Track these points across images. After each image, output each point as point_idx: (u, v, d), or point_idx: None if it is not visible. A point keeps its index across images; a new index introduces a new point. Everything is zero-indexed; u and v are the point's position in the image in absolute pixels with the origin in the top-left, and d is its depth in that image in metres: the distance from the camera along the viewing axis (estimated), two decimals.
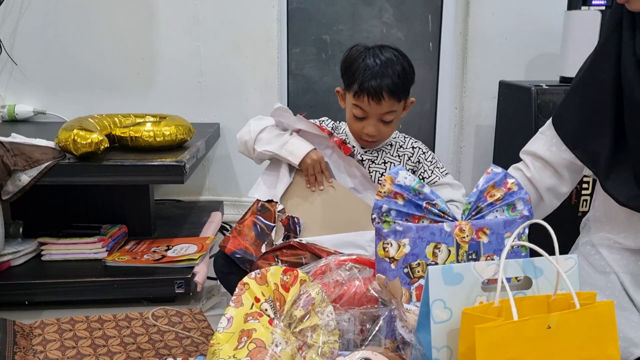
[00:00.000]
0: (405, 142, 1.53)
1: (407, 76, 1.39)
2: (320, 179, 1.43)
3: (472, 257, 1.02)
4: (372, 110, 1.39)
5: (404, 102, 1.43)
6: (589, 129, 1.15)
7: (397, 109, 1.41)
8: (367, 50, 1.40)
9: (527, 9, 2.39)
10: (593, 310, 0.79)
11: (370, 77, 1.36)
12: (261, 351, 0.88)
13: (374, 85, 1.35)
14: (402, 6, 2.55)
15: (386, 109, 1.38)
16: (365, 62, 1.38)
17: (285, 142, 1.43)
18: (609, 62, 1.11)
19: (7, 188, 1.65)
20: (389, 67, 1.36)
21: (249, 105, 2.46)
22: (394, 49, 1.41)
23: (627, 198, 1.09)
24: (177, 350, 1.36)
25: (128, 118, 2.05)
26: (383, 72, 1.36)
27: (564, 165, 1.22)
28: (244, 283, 0.94)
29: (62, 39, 2.40)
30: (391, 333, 0.95)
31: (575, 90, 1.19)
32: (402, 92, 1.39)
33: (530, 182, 1.25)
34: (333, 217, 1.41)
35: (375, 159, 1.49)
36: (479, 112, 2.52)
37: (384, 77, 1.35)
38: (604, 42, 1.13)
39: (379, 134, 1.43)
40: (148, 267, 1.72)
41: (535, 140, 1.27)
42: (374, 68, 1.36)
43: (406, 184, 1.02)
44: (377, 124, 1.41)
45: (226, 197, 2.57)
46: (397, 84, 1.36)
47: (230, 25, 2.40)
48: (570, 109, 1.20)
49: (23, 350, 1.32)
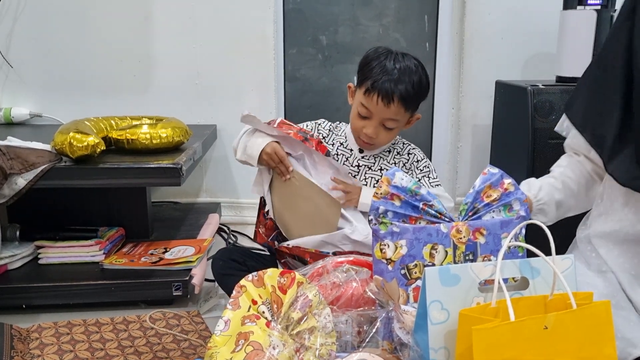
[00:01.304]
0: (404, 149, 1.52)
1: (421, 88, 1.39)
2: (283, 169, 1.43)
3: (469, 258, 1.02)
4: (377, 112, 1.39)
5: (410, 114, 1.42)
6: (598, 113, 1.17)
7: (402, 118, 1.40)
8: (389, 53, 1.40)
9: (523, 9, 2.40)
10: (590, 310, 0.79)
11: (386, 78, 1.36)
12: (258, 354, 0.88)
13: (386, 87, 1.36)
14: (399, 7, 2.55)
15: (392, 114, 1.38)
16: (385, 63, 1.38)
17: (245, 146, 1.45)
18: (620, 49, 1.12)
19: (4, 192, 1.64)
20: (407, 74, 1.37)
21: (246, 106, 2.45)
22: (417, 61, 1.41)
23: (629, 179, 1.10)
24: (175, 353, 1.36)
25: (124, 120, 2.05)
26: (399, 76, 1.36)
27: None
28: (241, 286, 0.93)
29: (58, 41, 2.40)
30: (388, 334, 0.95)
31: (586, 77, 1.22)
32: (412, 102, 1.39)
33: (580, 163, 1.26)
34: (298, 205, 1.44)
35: (372, 165, 1.49)
36: (475, 112, 2.52)
37: (399, 82, 1.36)
38: (615, 30, 1.15)
39: (377, 138, 1.42)
40: (145, 269, 1.72)
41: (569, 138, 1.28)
42: (392, 71, 1.37)
43: (403, 185, 1.02)
44: (377, 127, 1.41)
45: (223, 199, 2.56)
46: (410, 92, 1.36)
47: (226, 26, 2.40)
48: (581, 94, 1.22)
49: (20, 354, 1.32)
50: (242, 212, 2.57)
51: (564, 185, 1.26)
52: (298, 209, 1.44)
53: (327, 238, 1.38)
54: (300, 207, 1.44)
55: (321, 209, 1.42)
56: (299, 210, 1.44)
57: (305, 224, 1.43)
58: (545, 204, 1.25)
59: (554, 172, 1.30)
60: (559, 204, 1.27)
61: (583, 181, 1.26)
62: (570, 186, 1.26)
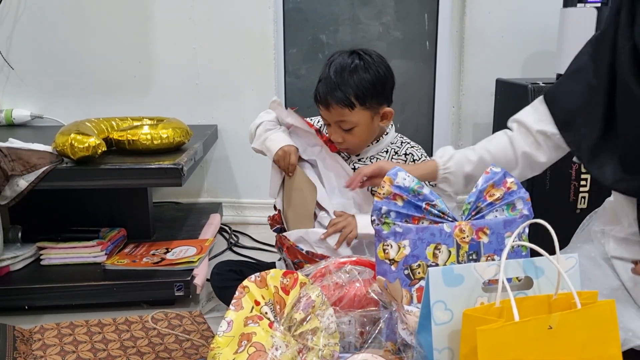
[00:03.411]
0: (402, 148, 1.51)
1: (363, 85, 1.36)
2: (292, 169, 1.47)
3: (472, 258, 1.02)
4: (327, 117, 1.43)
5: (367, 111, 1.39)
6: (582, 113, 1.17)
7: (353, 118, 1.39)
8: (332, 58, 1.42)
9: (523, 7, 2.39)
10: (594, 310, 0.79)
11: (322, 84, 1.39)
12: (261, 355, 0.88)
13: (321, 93, 1.39)
14: (399, 6, 2.55)
15: (337, 116, 1.39)
16: (324, 69, 1.41)
17: (266, 139, 1.50)
18: (607, 49, 1.13)
19: (5, 193, 1.64)
20: (343, 75, 1.36)
21: (246, 106, 2.45)
22: (364, 55, 1.39)
23: (615, 181, 1.12)
24: (177, 353, 1.36)
25: (125, 121, 2.05)
26: (334, 80, 1.36)
27: (546, 138, 1.23)
28: (244, 286, 0.93)
29: (58, 43, 2.39)
30: (392, 335, 0.95)
31: (572, 73, 1.22)
32: (353, 101, 1.36)
33: (510, 143, 1.26)
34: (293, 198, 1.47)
35: None
36: (476, 110, 2.52)
37: (334, 85, 1.36)
38: (604, 29, 1.15)
39: (345, 142, 1.43)
40: (147, 270, 1.72)
41: (526, 111, 1.28)
42: (328, 76, 1.38)
43: (405, 185, 1.02)
44: (338, 131, 1.42)
45: (225, 199, 2.56)
46: (346, 92, 1.35)
47: (226, 26, 2.39)
48: (565, 91, 1.22)
49: (23, 355, 1.32)
50: (244, 212, 2.57)
51: (480, 159, 1.26)
52: (293, 201, 1.47)
53: (305, 234, 1.40)
54: (294, 199, 1.47)
55: (306, 199, 1.45)
56: (293, 203, 1.47)
57: (295, 215, 1.47)
58: (451, 173, 1.26)
59: (476, 145, 1.31)
60: (469, 177, 1.27)
61: (503, 161, 1.24)
62: (486, 161, 1.25)
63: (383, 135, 1.50)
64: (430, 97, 2.62)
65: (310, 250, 1.38)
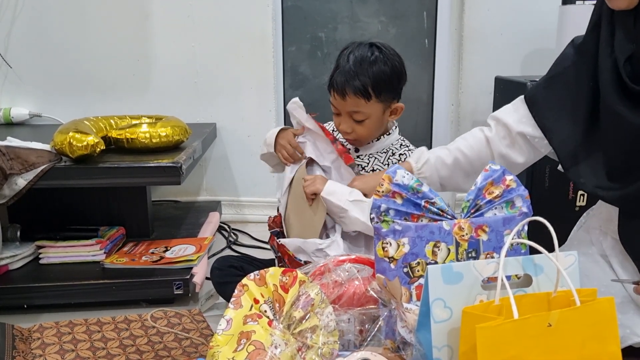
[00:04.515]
0: (399, 150, 1.50)
1: (381, 78, 1.37)
2: (296, 157, 1.48)
3: (471, 255, 1.02)
4: (340, 107, 1.42)
5: (380, 104, 1.40)
6: (563, 119, 1.18)
7: (369, 109, 1.39)
8: (349, 47, 1.42)
9: (522, 5, 2.39)
10: (593, 307, 0.79)
11: (339, 73, 1.39)
12: (260, 353, 0.87)
13: (338, 81, 1.38)
14: (397, 3, 2.55)
15: (351, 106, 1.39)
16: (343, 58, 1.41)
17: (265, 139, 1.52)
18: (588, 60, 1.12)
19: (4, 192, 1.64)
20: (362, 66, 1.37)
21: (246, 104, 2.45)
22: (383, 49, 1.41)
23: (593, 186, 1.15)
24: (177, 352, 1.36)
25: (124, 120, 2.04)
26: (354, 69, 1.37)
27: (525, 140, 1.24)
28: (243, 285, 0.93)
29: (57, 41, 2.39)
30: (391, 333, 0.95)
31: (555, 76, 1.22)
32: (370, 93, 1.37)
33: (487, 143, 1.27)
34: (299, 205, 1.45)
35: (366, 165, 1.49)
36: (475, 108, 2.52)
37: (352, 74, 1.36)
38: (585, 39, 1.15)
39: (354, 132, 1.43)
40: (146, 268, 1.72)
41: (506, 110, 1.28)
42: (346, 65, 1.38)
43: (404, 182, 1.01)
44: (348, 121, 1.42)
45: (224, 197, 2.56)
46: (365, 83, 1.36)
47: (225, 24, 2.39)
48: (547, 95, 1.22)
49: (22, 354, 1.32)
50: (243, 210, 2.57)
51: (454, 161, 1.27)
52: (298, 209, 1.45)
53: (303, 244, 1.36)
54: (300, 207, 1.44)
55: (312, 211, 1.42)
56: (297, 211, 1.45)
57: (297, 224, 1.44)
58: (425, 178, 1.28)
59: (452, 145, 1.32)
60: (444, 179, 1.29)
61: (478, 163, 1.25)
62: (461, 163, 1.26)
63: (385, 135, 1.50)
64: (429, 95, 2.62)
65: (308, 261, 1.37)
